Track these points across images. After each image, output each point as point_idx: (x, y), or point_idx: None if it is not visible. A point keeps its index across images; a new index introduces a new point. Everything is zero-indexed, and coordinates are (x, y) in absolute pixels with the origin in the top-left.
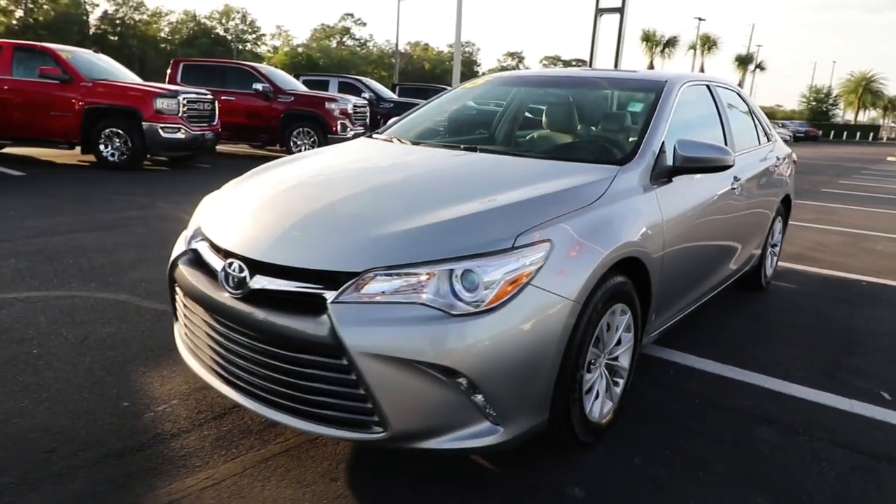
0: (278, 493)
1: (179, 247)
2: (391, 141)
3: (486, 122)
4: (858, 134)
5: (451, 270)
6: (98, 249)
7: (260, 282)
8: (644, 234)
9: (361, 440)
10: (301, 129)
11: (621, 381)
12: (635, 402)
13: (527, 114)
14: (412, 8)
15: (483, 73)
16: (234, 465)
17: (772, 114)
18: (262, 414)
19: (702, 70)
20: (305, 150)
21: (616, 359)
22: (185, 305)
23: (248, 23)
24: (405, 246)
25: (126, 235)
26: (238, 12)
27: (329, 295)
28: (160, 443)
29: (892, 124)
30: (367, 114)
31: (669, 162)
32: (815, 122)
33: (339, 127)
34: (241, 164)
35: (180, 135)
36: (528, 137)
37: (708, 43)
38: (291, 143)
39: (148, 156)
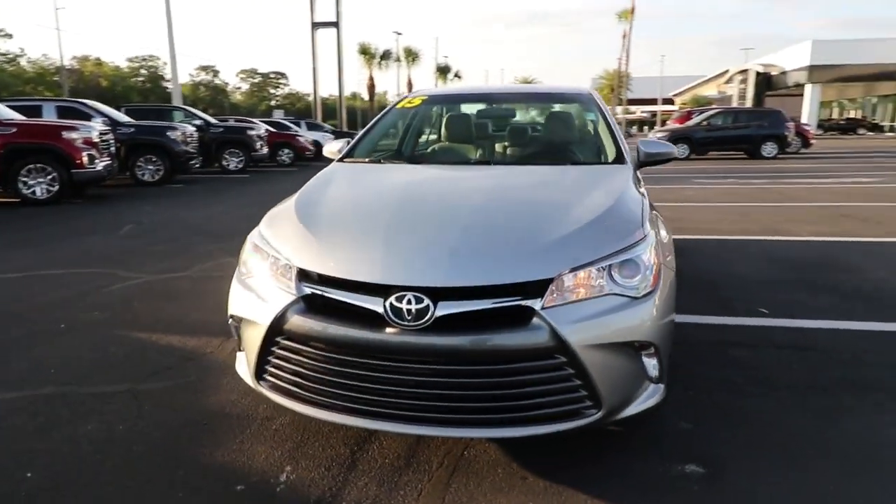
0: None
1: (275, 299)
2: (380, 162)
3: (462, 138)
4: None
5: (612, 263)
6: None
7: (447, 308)
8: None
9: (576, 427)
10: (34, 166)
11: None
12: None
13: (496, 126)
14: (72, 17)
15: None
16: (432, 498)
17: None
18: (460, 436)
19: (409, 81)
20: (42, 192)
21: None
22: (309, 357)
23: None
24: (575, 249)
25: None
26: None
27: (535, 303)
28: None
29: None
30: (113, 141)
31: (636, 158)
32: None
33: (85, 159)
34: None
35: None
36: (525, 148)
37: (412, 55)
38: (20, 184)
39: None
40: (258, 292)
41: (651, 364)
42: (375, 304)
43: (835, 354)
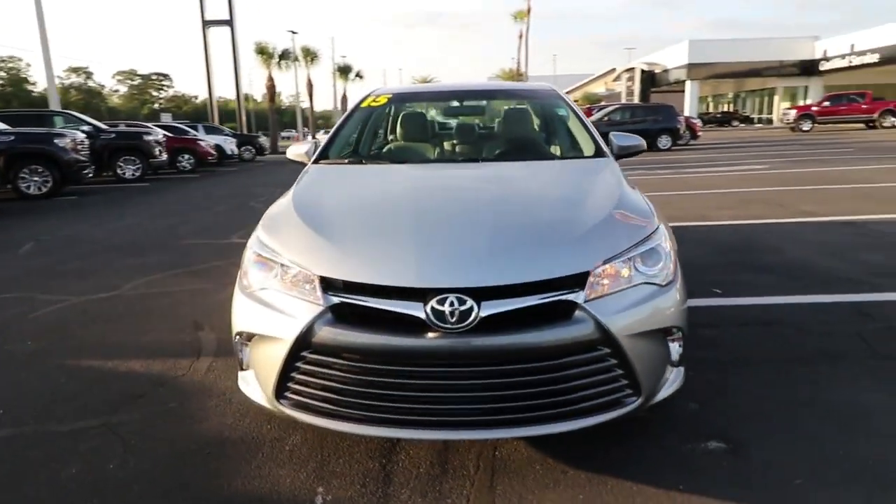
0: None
1: (298, 311)
2: (361, 163)
3: (439, 136)
4: None
5: (636, 254)
6: None
7: (491, 308)
8: None
9: (618, 416)
10: None
11: None
12: None
13: (470, 124)
14: None
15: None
16: (482, 499)
17: None
18: (508, 436)
19: (309, 82)
20: None
21: None
22: (341, 369)
23: None
24: (603, 241)
25: None
26: None
27: (577, 297)
28: None
29: None
30: None
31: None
32: None
33: None
34: None
35: None
36: (506, 144)
37: (310, 55)
38: None
39: None
40: (274, 305)
41: (675, 348)
42: (415, 309)
43: (796, 328)
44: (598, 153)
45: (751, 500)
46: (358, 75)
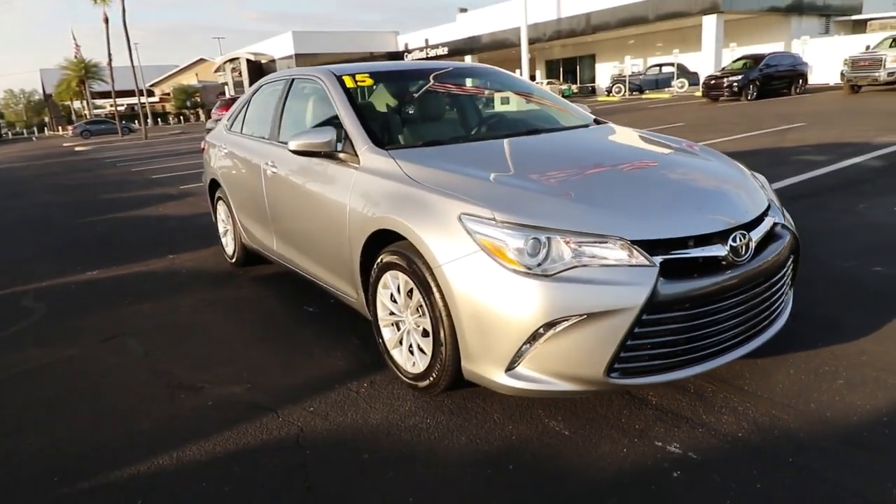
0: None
1: (636, 277)
2: (441, 143)
3: (458, 115)
4: None
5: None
6: None
7: (756, 235)
8: None
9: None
10: None
11: None
12: None
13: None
14: None
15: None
16: (777, 406)
17: None
18: (761, 343)
19: None
20: None
21: None
22: (672, 321)
23: None
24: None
25: None
26: None
27: (780, 219)
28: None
29: None
30: None
31: None
32: None
33: None
34: None
35: None
36: (529, 117)
37: None
38: None
39: None
40: (596, 279)
41: None
42: (720, 250)
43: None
44: (594, 119)
45: (867, 332)
46: None
